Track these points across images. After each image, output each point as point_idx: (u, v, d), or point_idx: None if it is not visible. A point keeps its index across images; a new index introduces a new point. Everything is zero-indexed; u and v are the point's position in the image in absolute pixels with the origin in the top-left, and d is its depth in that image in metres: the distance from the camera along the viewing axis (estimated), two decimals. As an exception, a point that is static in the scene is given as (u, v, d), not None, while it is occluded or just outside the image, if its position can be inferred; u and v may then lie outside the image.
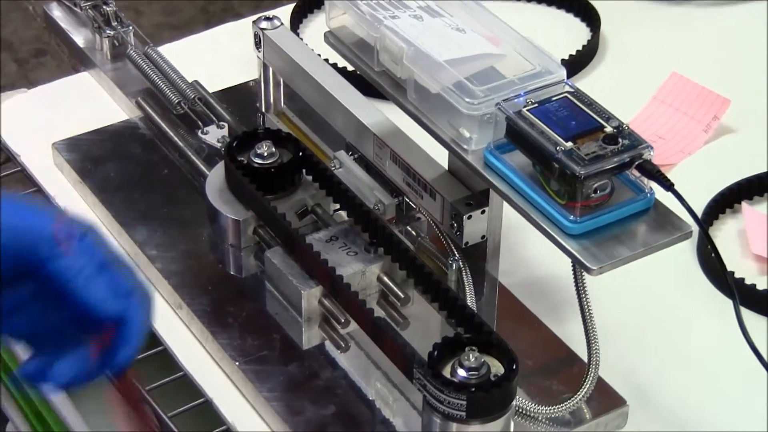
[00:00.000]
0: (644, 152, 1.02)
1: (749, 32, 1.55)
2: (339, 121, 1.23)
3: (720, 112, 1.40)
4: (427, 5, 1.16)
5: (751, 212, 1.31)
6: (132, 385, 1.02)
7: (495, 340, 1.05)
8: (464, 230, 1.14)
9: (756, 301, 1.21)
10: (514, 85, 1.08)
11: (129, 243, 1.25)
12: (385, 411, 1.11)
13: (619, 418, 1.11)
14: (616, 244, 1.01)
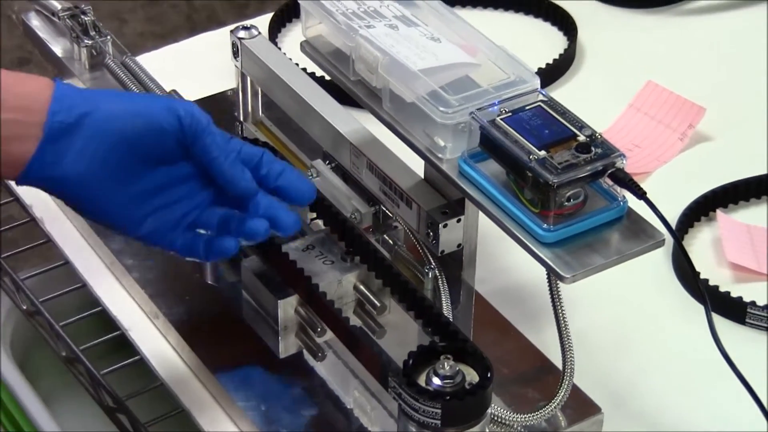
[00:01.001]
0: (617, 161, 1.02)
1: (724, 41, 1.55)
2: (316, 129, 1.23)
3: (695, 121, 1.40)
4: (402, 15, 1.16)
5: (726, 220, 1.31)
6: None
7: (470, 348, 1.05)
8: (440, 239, 1.14)
9: (729, 308, 1.22)
10: (489, 94, 1.08)
11: (106, 252, 1.25)
12: (362, 419, 1.11)
13: (594, 425, 1.11)
14: (590, 252, 1.01)
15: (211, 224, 1.05)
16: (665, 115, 1.41)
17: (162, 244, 1.05)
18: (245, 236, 1.05)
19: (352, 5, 1.17)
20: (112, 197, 1.02)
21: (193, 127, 1.02)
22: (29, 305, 1.27)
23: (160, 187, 1.03)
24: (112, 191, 1.02)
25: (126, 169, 1.01)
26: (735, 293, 1.22)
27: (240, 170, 1.04)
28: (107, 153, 1.01)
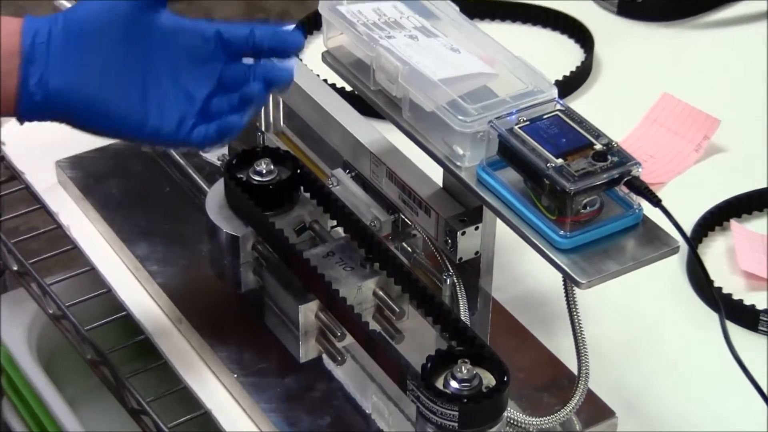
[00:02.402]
0: (633, 169, 1.02)
1: (739, 54, 1.56)
2: (336, 139, 1.23)
3: (710, 132, 1.40)
4: (422, 26, 1.17)
5: (740, 230, 1.32)
6: None
7: (487, 353, 1.05)
8: (458, 246, 1.15)
9: (742, 316, 1.22)
10: (507, 103, 1.08)
11: (130, 258, 1.26)
12: (380, 423, 1.12)
13: (609, 429, 1.12)
14: (605, 259, 1.01)
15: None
16: (680, 126, 1.41)
17: (175, 137, 1.05)
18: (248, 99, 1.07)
19: (373, 16, 1.17)
20: (108, 93, 1.02)
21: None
22: (55, 310, 1.27)
23: (150, 71, 1.03)
24: (105, 86, 1.02)
25: (108, 58, 1.02)
26: (748, 301, 1.22)
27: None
28: (83, 51, 1.01)
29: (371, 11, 1.18)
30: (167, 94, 1.04)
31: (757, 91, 1.50)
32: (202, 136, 1.06)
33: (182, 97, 1.05)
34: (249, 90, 1.06)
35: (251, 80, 1.06)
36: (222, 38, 1.07)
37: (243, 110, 1.07)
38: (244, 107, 1.07)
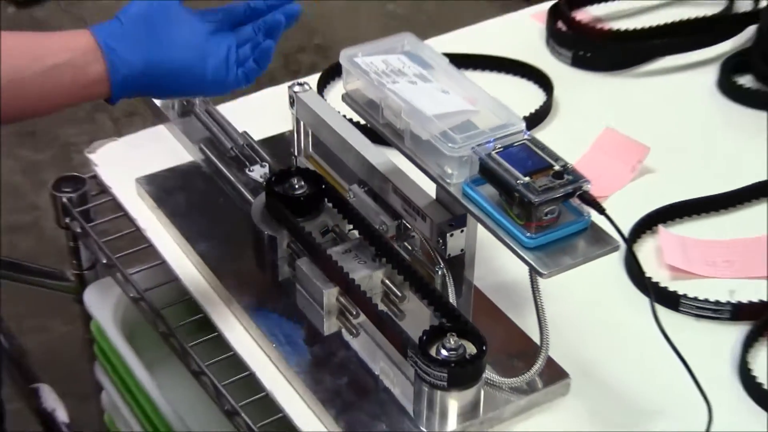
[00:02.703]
0: (583, 185, 1.03)
1: (665, 96, 1.56)
2: (353, 161, 1.23)
3: (642, 157, 1.40)
4: (420, 73, 1.17)
5: (665, 233, 1.31)
6: None
7: (470, 328, 1.06)
8: (447, 245, 1.14)
9: (667, 299, 1.21)
10: (486, 134, 1.08)
11: (192, 254, 1.26)
12: (386, 382, 1.11)
13: (563, 387, 1.12)
14: (562, 255, 1.02)
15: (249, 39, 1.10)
16: (619, 153, 1.41)
17: (228, 81, 1.07)
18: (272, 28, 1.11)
19: (382, 66, 1.17)
20: (175, 59, 1.04)
21: None
22: (135, 294, 1.27)
23: (193, 39, 1.05)
24: (172, 54, 1.03)
25: (165, 34, 1.03)
26: (671, 288, 1.22)
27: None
28: (148, 32, 1.03)
29: (380, 62, 1.18)
30: (211, 52, 1.05)
31: (678, 125, 1.50)
32: (247, 72, 1.08)
33: (221, 53, 1.06)
34: (272, 19, 1.10)
35: (268, 18, 1.10)
36: (226, 10, 1.10)
37: (269, 39, 1.10)
38: (270, 36, 1.10)
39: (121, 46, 1.01)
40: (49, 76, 0.99)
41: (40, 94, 1.00)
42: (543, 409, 1.11)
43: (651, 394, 1.12)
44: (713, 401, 1.07)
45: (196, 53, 1.05)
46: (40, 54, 0.99)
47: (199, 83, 1.06)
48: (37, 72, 0.98)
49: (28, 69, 0.98)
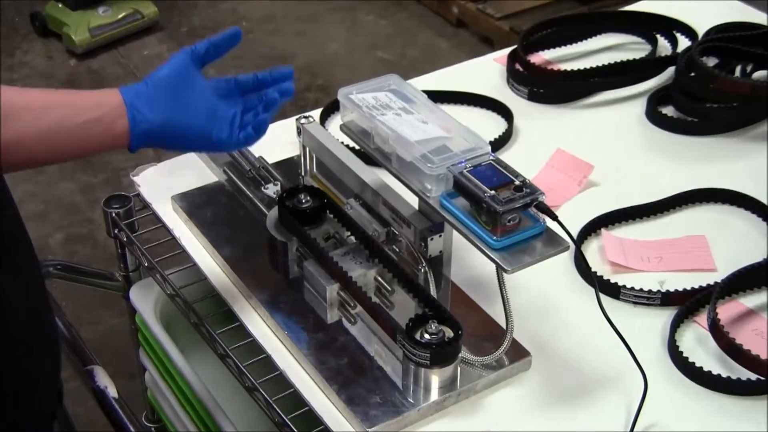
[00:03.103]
0: (539, 196, 1.02)
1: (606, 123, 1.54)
2: (350, 179, 1.21)
3: (587, 173, 1.38)
4: (404, 107, 1.16)
5: (607, 235, 1.30)
6: None
7: (448, 315, 1.04)
8: (428, 247, 1.13)
9: (609, 290, 1.20)
10: (458, 156, 1.07)
11: (218, 258, 1.24)
12: (379, 362, 1.10)
13: (526, 363, 1.10)
14: (523, 254, 1.01)
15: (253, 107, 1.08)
16: (568, 169, 1.39)
17: (231, 142, 1.05)
18: (269, 104, 1.08)
19: (372, 101, 1.16)
20: (187, 120, 1.02)
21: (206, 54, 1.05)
22: (171, 291, 1.26)
23: (206, 103, 1.03)
24: (185, 116, 1.02)
25: (182, 98, 1.02)
26: (613, 280, 1.20)
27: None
28: (168, 96, 1.01)
29: (371, 98, 1.17)
30: (218, 116, 1.04)
31: (615, 147, 1.48)
32: (245, 136, 1.06)
33: (227, 117, 1.04)
34: (269, 96, 1.07)
35: (268, 94, 1.08)
36: (237, 80, 1.08)
37: (266, 113, 1.08)
38: (267, 111, 1.08)
39: (144, 106, 0.99)
40: (83, 129, 0.97)
41: (73, 143, 0.98)
42: (509, 382, 1.09)
43: (597, 368, 1.11)
44: (648, 373, 1.07)
45: (206, 117, 1.03)
46: (77, 110, 0.97)
47: (205, 142, 1.04)
48: (73, 124, 0.96)
49: (67, 121, 0.96)
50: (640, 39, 1.72)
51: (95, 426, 1.63)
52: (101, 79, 3.37)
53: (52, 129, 0.94)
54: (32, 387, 0.83)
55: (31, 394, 0.83)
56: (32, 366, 0.83)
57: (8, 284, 0.78)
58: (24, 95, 0.94)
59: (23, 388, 0.82)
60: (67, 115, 0.95)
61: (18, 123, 0.92)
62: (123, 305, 1.49)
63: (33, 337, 0.83)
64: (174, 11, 3.74)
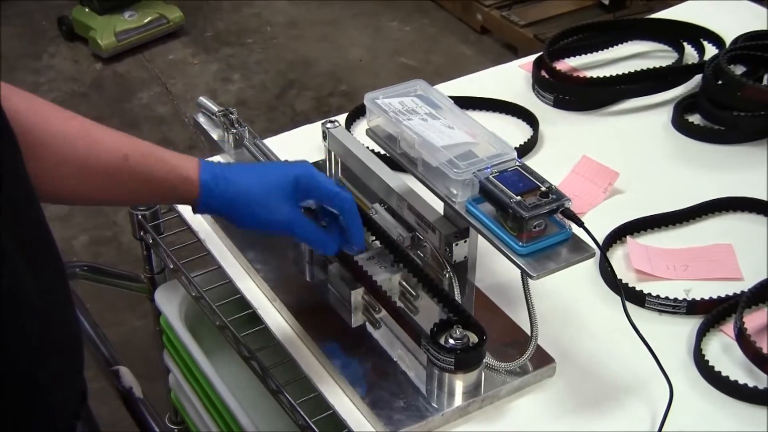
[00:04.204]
0: (565, 203, 1.01)
1: (631, 130, 1.54)
2: (375, 184, 1.21)
3: (613, 180, 1.38)
4: (430, 112, 1.15)
5: (632, 242, 1.30)
6: None
7: (472, 321, 1.04)
8: (453, 253, 1.13)
9: (634, 298, 1.20)
10: (484, 161, 1.07)
11: (243, 260, 1.24)
12: (402, 366, 1.09)
13: (550, 370, 1.10)
14: (548, 260, 1.00)
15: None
16: (594, 176, 1.39)
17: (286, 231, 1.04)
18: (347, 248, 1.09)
19: (398, 106, 1.16)
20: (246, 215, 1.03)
21: (309, 185, 1.03)
22: (196, 293, 1.26)
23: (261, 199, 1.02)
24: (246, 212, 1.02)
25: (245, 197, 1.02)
26: (638, 288, 1.20)
27: (360, 229, 1.07)
28: (233, 193, 1.01)
29: (397, 103, 1.17)
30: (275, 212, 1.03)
31: (641, 154, 1.48)
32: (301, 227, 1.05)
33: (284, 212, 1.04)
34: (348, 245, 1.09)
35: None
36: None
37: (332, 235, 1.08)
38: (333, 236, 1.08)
39: (213, 192, 1.01)
40: (161, 187, 1.00)
41: (147, 194, 1.02)
42: (533, 388, 1.09)
43: (622, 376, 1.10)
44: (673, 381, 1.07)
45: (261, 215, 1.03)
46: (163, 171, 1.00)
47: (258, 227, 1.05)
48: (156, 178, 0.99)
49: (153, 173, 0.99)
50: (667, 47, 1.71)
51: (118, 427, 1.63)
52: (126, 83, 3.39)
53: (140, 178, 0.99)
54: (53, 386, 0.84)
55: (52, 394, 0.83)
56: (54, 365, 0.83)
57: (31, 285, 0.79)
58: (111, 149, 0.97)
59: (44, 388, 0.82)
60: (155, 168, 0.99)
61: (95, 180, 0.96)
62: (146, 307, 1.49)
63: (55, 338, 0.83)
64: (199, 16, 3.76)
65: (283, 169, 1.04)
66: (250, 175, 1.03)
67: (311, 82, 3.33)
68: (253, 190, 1.02)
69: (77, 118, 0.97)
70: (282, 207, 1.02)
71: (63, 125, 0.95)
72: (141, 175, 0.99)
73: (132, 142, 0.99)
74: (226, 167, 1.03)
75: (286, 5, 3.81)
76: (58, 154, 0.94)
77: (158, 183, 1.00)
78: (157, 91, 3.35)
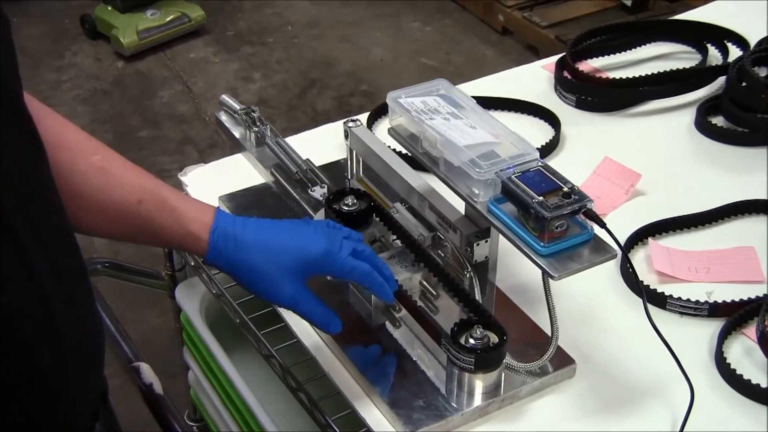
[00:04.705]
0: (587, 203, 1.01)
1: (653, 132, 1.54)
2: (396, 183, 1.22)
3: (635, 182, 1.38)
4: (452, 111, 1.15)
5: (654, 244, 1.29)
6: None
7: (493, 321, 1.04)
8: (474, 252, 1.13)
9: (656, 299, 1.19)
10: (507, 161, 1.07)
11: (265, 258, 1.24)
12: (422, 366, 1.10)
13: (570, 371, 1.10)
14: (570, 261, 1.00)
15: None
16: (616, 178, 1.39)
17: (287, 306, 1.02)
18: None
19: (421, 105, 1.16)
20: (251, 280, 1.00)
21: (325, 266, 1.00)
22: (217, 290, 1.26)
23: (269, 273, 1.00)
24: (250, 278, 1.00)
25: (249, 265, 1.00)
26: (659, 290, 1.20)
27: (385, 291, 1.03)
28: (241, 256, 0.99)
29: (420, 102, 1.17)
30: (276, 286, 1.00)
31: (664, 156, 1.48)
32: (304, 307, 1.02)
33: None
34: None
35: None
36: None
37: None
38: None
39: (221, 253, 1.00)
40: (170, 238, 1.00)
41: (156, 240, 1.02)
42: (553, 389, 1.09)
43: (642, 378, 1.10)
44: (695, 384, 1.06)
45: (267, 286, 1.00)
46: (174, 224, 0.99)
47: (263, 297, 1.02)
48: (165, 230, 0.99)
49: (163, 224, 0.99)
50: (691, 48, 1.71)
51: (137, 425, 1.64)
52: (148, 81, 3.41)
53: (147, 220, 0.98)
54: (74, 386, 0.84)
55: (73, 393, 0.84)
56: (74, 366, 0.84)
57: (52, 289, 0.79)
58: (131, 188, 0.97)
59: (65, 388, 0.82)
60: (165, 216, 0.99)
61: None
62: (165, 305, 1.50)
63: (75, 336, 0.84)
64: (220, 15, 3.77)
65: (299, 252, 1.00)
66: (262, 246, 0.99)
67: (332, 81, 3.34)
68: (259, 267, 0.99)
69: (99, 152, 0.97)
70: (287, 286, 1.00)
71: (85, 161, 0.96)
72: (151, 223, 0.98)
73: (148, 186, 0.99)
74: (241, 228, 1.00)
75: (307, 5, 3.82)
76: (75, 188, 0.94)
77: (168, 234, 0.99)
78: (178, 89, 3.36)
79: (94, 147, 0.97)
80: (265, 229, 1.01)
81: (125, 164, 0.99)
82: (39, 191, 0.81)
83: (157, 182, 1.01)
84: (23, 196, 0.76)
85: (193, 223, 1.00)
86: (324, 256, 1.00)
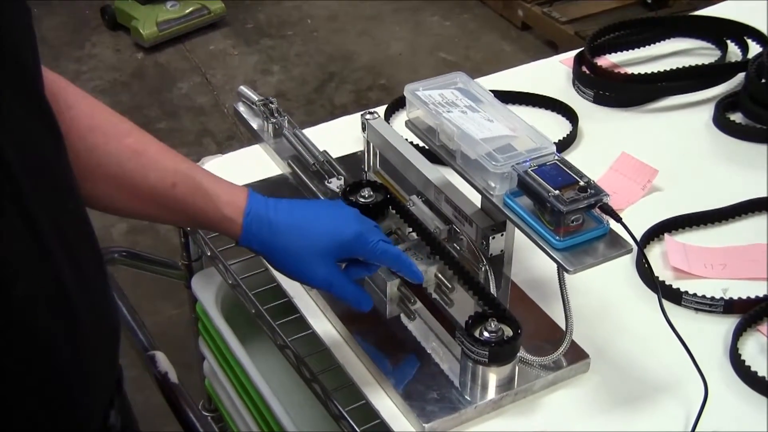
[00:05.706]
0: (604, 198, 1.01)
1: (671, 128, 1.53)
2: (413, 176, 1.22)
3: (652, 178, 1.37)
4: (470, 105, 1.15)
5: (670, 240, 1.29)
6: None
7: (507, 314, 1.04)
8: (490, 246, 1.13)
9: (671, 295, 1.19)
10: (523, 155, 1.07)
11: (280, 249, 1.25)
12: (436, 359, 1.10)
13: (584, 366, 1.10)
14: (585, 255, 1.00)
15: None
16: (633, 173, 1.38)
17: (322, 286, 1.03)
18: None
19: (438, 98, 1.16)
20: (283, 260, 1.01)
21: (356, 248, 1.01)
22: (233, 281, 1.27)
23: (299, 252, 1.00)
24: (282, 258, 1.01)
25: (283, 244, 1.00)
26: (675, 286, 1.19)
27: (413, 272, 1.04)
28: (273, 237, 1.00)
29: (437, 95, 1.17)
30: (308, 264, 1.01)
31: (681, 152, 1.47)
32: (338, 287, 1.03)
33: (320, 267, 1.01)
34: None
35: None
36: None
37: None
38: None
39: (254, 232, 1.00)
40: (204, 221, 1.01)
41: (190, 223, 1.04)
42: (567, 383, 1.09)
43: (656, 373, 1.10)
44: (709, 380, 1.06)
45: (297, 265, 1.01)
46: (208, 207, 1.00)
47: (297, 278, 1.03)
48: (200, 213, 1.00)
49: (197, 207, 1.00)
50: (710, 44, 1.70)
51: (151, 414, 1.65)
52: (167, 72, 3.42)
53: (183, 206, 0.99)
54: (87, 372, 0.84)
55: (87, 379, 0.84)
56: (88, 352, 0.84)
57: (69, 276, 0.80)
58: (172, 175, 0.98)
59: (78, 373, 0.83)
60: (202, 202, 0.99)
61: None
62: (181, 297, 1.50)
63: (91, 324, 0.84)
64: (240, 8, 3.77)
65: (332, 234, 1.00)
66: (296, 228, 1.00)
67: (351, 75, 3.34)
68: (293, 249, 1.00)
69: (133, 134, 0.97)
70: (321, 268, 1.00)
71: (119, 143, 0.96)
72: (186, 207, 0.99)
73: (183, 169, 0.99)
74: (274, 211, 1.01)
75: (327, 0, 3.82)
76: (110, 170, 0.95)
77: (202, 218, 1.00)
78: (197, 81, 3.37)
79: (128, 129, 0.98)
80: (298, 211, 1.02)
81: (160, 147, 0.99)
82: (57, 178, 0.81)
83: (191, 165, 1.01)
84: (42, 184, 0.77)
85: (227, 207, 1.00)
86: (356, 239, 1.01)
